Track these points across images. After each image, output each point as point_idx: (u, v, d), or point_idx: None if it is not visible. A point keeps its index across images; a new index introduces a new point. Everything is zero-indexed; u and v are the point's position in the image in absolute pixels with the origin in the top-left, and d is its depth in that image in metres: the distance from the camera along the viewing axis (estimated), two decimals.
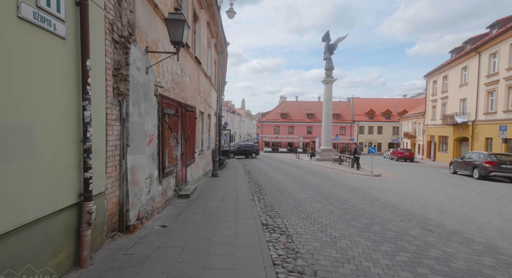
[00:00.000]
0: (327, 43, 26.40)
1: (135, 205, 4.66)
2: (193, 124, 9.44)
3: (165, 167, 6.21)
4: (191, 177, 9.41)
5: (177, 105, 7.33)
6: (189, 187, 8.26)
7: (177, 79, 7.41)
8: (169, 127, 6.54)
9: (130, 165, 4.50)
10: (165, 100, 6.32)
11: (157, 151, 5.84)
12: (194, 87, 9.84)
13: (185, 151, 8.42)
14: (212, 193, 8.32)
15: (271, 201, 7.87)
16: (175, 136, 7.03)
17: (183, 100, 8.08)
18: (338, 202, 7.83)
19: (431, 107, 32.09)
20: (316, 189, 10.06)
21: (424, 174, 16.29)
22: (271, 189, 9.94)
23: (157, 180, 5.85)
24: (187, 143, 8.69)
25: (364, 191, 9.77)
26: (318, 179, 13.01)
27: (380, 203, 7.79)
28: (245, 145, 32.00)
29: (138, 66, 4.79)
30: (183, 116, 8.10)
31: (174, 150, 7.02)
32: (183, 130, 8.20)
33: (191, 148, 9.34)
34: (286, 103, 57.16)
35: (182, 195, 7.46)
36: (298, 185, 11.14)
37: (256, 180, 12.38)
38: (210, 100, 14.16)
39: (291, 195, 8.77)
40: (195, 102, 9.96)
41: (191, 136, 9.25)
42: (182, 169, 8.15)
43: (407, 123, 42.65)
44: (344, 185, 11.20)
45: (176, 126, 7.15)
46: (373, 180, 13.07)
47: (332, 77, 26.82)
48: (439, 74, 29.85)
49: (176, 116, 7.15)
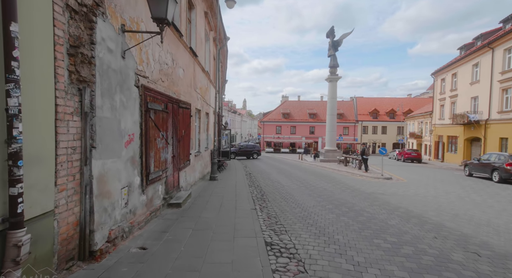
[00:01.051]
0: (332, 39, 25.36)
1: (105, 223, 3.67)
2: (187, 122, 8.45)
3: (150, 173, 5.22)
4: (185, 182, 8.42)
5: (166, 100, 6.34)
6: (182, 194, 7.26)
7: (167, 70, 6.43)
8: (156, 126, 5.55)
9: (97, 173, 3.51)
10: (151, 93, 5.33)
11: (139, 154, 4.85)
12: (189, 81, 8.86)
13: (177, 152, 7.43)
14: (208, 201, 7.32)
15: (275, 210, 6.86)
16: (163, 136, 6.04)
17: (175, 95, 7.09)
18: (353, 211, 6.81)
19: (439, 106, 30.96)
20: (324, 195, 9.03)
21: (438, 177, 15.22)
22: (274, 195, 8.93)
23: (139, 188, 4.85)
24: (180, 144, 7.70)
25: (379, 198, 8.74)
26: (325, 182, 11.99)
27: (401, 213, 6.76)
28: (246, 146, 31.01)
29: (109, 47, 3.80)
30: (175, 113, 7.12)
31: (163, 151, 6.03)
32: (175, 129, 7.21)
33: (186, 149, 8.35)
34: (288, 103, 56.12)
35: (172, 204, 6.46)
36: (304, 189, 10.13)
37: (258, 184, 11.37)
38: (209, 98, 13.18)
39: (297, 203, 7.76)
40: (190, 98, 8.98)
41: (185, 136, 8.26)
42: (174, 173, 7.16)
43: (413, 123, 41.51)
44: (355, 190, 10.17)
45: (165, 124, 6.16)
46: (385, 184, 12.03)
47: (337, 75, 25.77)
48: (448, 72, 28.73)
49: (165, 113, 6.16)
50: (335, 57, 25.67)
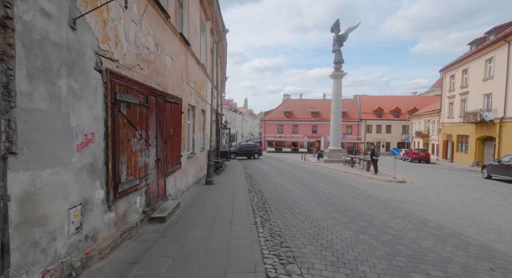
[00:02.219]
0: (336, 34, 24.12)
1: (36, 263, 2.53)
2: (177, 120, 7.32)
3: (120, 183, 4.08)
4: (175, 189, 7.29)
5: (147, 92, 5.20)
6: (169, 204, 6.12)
7: (148, 56, 5.28)
8: (130, 123, 4.41)
9: (20, 191, 2.37)
10: (122, 82, 4.19)
11: (103, 159, 3.71)
12: (180, 73, 7.72)
13: (164, 155, 6.29)
14: (200, 212, 6.18)
15: (280, 224, 5.72)
16: (142, 136, 4.90)
17: (160, 87, 5.95)
18: (373, 226, 5.65)
19: (447, 104, 29.69)
20: (335, 203, 7.88)
21: (454, 179, 14.02)
22: (277, 203, 7.79)
23: (103, 204, 3.72)
24: (168, 145, 6.57)
25: (399, 207, 7.58)
26: (333, 187, 10.83)
27: (432, 229, 5.59)
28: (247, 145, 29.84)
29: (45, 9, 2.65)
30: (159, 108, 5.98)
31: (142, 155, 4.89)
32: (160, 127, 6.08)
33: (175, 150, 7.22)
34: (290, 101, 54.89)
35: (155, 218, 5.33)
36: (310, 196, 8.98)
37: (259, 188, 10.23)
38: (205, 94, 12.03)
39: (305, 214, 6.62)
40: (181, 92, 7.84)
41: (175, 136, 7.13)
42: (159, 180, 6.03)
43: (419, 121, 40.23)
44: (368, 197, 9.00)
45: (145, 121, 5.02)
46: (399, 189, 10.85)
47: (342, 71, 24.54)
48: (458, 68, 27.44)
49: (145, 108, 5.02)
50: (340, 53, 24.44)
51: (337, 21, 23.48)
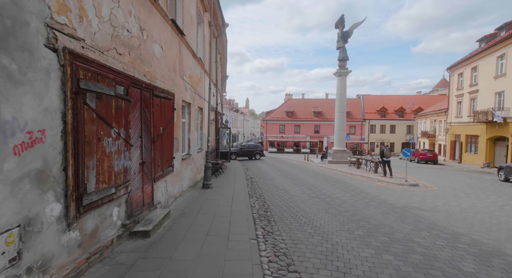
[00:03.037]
0: (341, 30, 23.22)
1: None
2: (169, 117, 6.48)
3: (86, 193, 3.25)
4: (166, 195, 6.45)
5: (128, 82, 4.37)
6: (156, 215, 5.28)
7: (130, 40, 4.45)
8: (101, 118, 3.57)
9: None
10: (90, 67, 3.35)
11: (60, 164, 2.88)
12: (172, 65, 6.88)
13: (151, 157, 5.46)
14: (192, 224, 5.33)
15: (285, 239, 4.87)
16: (120, 135, 4.06)
17: (146, 78, 5.12)
18: (396, 242, 4.79)
19: (455, 103, 28.72)
20: (346, 211, 7.02)
21: (470, 182, 13.11)
22: (281, 211, 6.94)
23: (59, 223, 2.88)
24: (157, 145, 5.73)
25: (419, 216, 6.70)
26: (341, 191, 9.96)
27: (467, 245, 4.72)
28: (248, 145, 28.96)
29: None
30: (145, 103, 5.15)
31: (119, 157, 4.05)
32: (147, 125, 5.24)
33: (166, 152, 6.38)
34: (292, 101, 53.99)
35: (137, 232, 4.49)
36: (317, 201, 8.12)
37: (261, 193, 9.38)
38: (203, 91, 11.20)
39: (313, 225, 5.76)
40: (174, 87, 7.01)
41: (166, 135, 6.29)
42: (144, 186, 5.19)
43: (424, 121, 39.23)
44: (381, 203, 8.13)
45: (124, 117, 4.18)
46: (414, 193, 9.96)
47: (346, 69, 23.64)
48: (467, 66, 26.47)
49: (124, 101, 4.18)
50: (345, 50, 23.55)
51: (341, 17, 22.59)
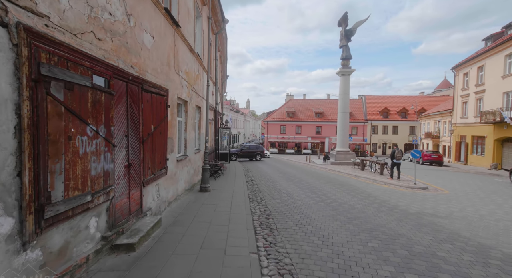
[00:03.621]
0: (344, 28, 22.64)
1: None
2: (161, 115, 5.91)
3: (49, 204, 2.66)
4: (157, 200, 5.87)
5: (110, 73, 3.80)
6: (145, 223, 4.70)
7: (113, 25, 3.88)
8: (73, 113, 3.00)
9: None
10: (57, 50, 2.78)
11: (12, 168, 2.31)
12: (166, 58, 6.32)
13: (140, 159, 4.88)
14: (185, 234, 4.75)
15: (290, 252, 4.28)
16: (99, 133, 3.49)
17: (133, 70, 4.55)
18: (418, 257, 4.19)
19: (460, 103, 28.09)
20: (356, 218, 6.43)
21: (481, 185, 12.49)
22: (284, 217, 6.35)
23: (9, 242, 2.30)
24: (147, 145, 5.16)
25: (437, 224, 6.10)
26: (348, 195, 9.36)
27: (501, 261, 4.12)
28: (248, 146, 28.36)
29: None
30: (133, 98, 4.58)
31: (98, 159, 3.47)
32: (135, 123, 4.67)
33: (158, 152, 5.81)
34: (293, 101, 53.40)
35: (120, 245, 3.90)
36: (323, 207, 7.53)
37: (262, 197, 8.79)
38: (201, 88, 10.64)
39: (321, 235, 5.17)
40: (168, 82, 6.44)
41: (158, 134, 5.72)
42: (131, 192, 4.61)
43: (428, 122, 38.57)
44: (392, 208, 7.53)
45: (104, 112, 3.60)
46: (425, 197, 9.35)
47: (350, 68, 23.05)
48: (472, 65, 25.85)
49: (104, 94, 3.61)
50: (348, 48, 22.96)
51: (345, 15, 22.01)
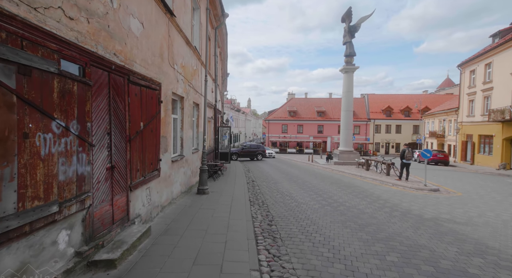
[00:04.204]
0: (348, 24, 21.99)
1: None
2: (153, 111, 5.34)
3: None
4: (149, 205, 5.29)
5: (87, 59, 3.22)
6: (131, 233, 4.12)
7: (88, 3, 3.30)
8: (30, 104, 2.43)
9: None
10: (7, 25, 2.21)
11: None
12: (158, 49, 5.74)
13: (126, 160, 4.31)
14: (177, 246, 4.17)
15: (298, 269, 3.69)
16: (71, 130, 2.91)
17: (117, 59, 3.97)
18: (447, 276, 3.60)
19: (467, 101, 27.39)
20: (367, 225, 5.84)
21: (493, 186, 11.87)
22: (289, 224, 5.77)
23: None
24: (135, 145, 4.59)
25: (458, 232, 5.50)
26: (355, 197, 8.77)
27: None
28: (250, 146, 27.80)
29: None
30: (117, 90, 4.00)
31: (68, 162, 2.90)
32: (119, 119, 4.10)
33: (150, 152, 5.24)
34: (295, 100, 52.77)
35: (99, 261, 3.33)
36: (330, 211, 6.94)
37: (263, 200, 8.22)
38: (199, 85, 10.06)
39: (331, 245, 4.58)
40: (161, 75, 5.86)
41: (149, 132, 5.15)
42: (115, 198, 4.04)
43: (433, 121, 37.85)
44: (406, 213, 6.94)
45: (78, 106, 3.02)
46: (438, 200, 8.75)
47: (353, 65, 22.41)
48: (480, 62, 25.16)
49: (79, 84, 3.04)
50: (352, 45, 22.32)
51: (349, 10, 21.36)
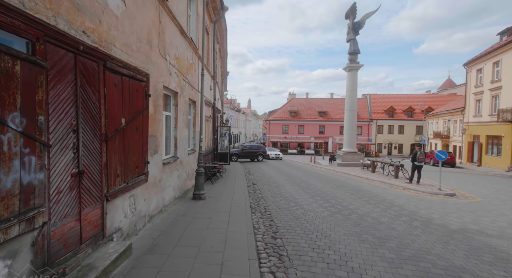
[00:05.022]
0: (352, 20, 21.25)
1: None
2: (138, 106, 4.57)
3: None
4: (133, 216, 4.51)
5: (39, 33, 2.42)
6: (104, 255, 3.34)
7: None
8: None
9: None
10: None
11: None
12: (146, 35, 4.97)
13: (101, 163, 3.53)
14: (161, 269, 3.38)
15: None
16: (8, 126, 2.14)
17: (88, 38, 3.19)
18: None
19: (473, 101, 26.63)
20: (387, 239, 5.07)
21: (510, 189, 11.09)
22: (297, 238, 4.99)
23: None
24: (113, 145, 3.81)
25: (497, 248, 4.72)
26: (368, 204, 8.00)
27: None
28: (250, 146, 27.02)
29: None
30: (89, 78, 3.22)
31: (4, 168, 2.13)
32: (91, 113, 3.32)
33: (135, 154, 4.46)
34: (296, 100, 52.00)
35: None
36: (342, 221, 6.17)
37: (266, 206, 7.44)
38: (196, 80, 9.30)
39: (350, 268, 3.80)
40: (149, 65, 5.09)
41: (133, 130, 4.37)
42: (84, 211, 3.25)
43: (437, 121, 37.09)
44: (428, 223, 6.16)
45: (21, 93, 2.25)
46: (458, 207, 7.97)
47: (358, 63, 21.66)
48: (487, 61, 24.40)
49: (29, 66, 2.26)
50: (356, 42, 21.57)
51: (353, 5, 20.61)
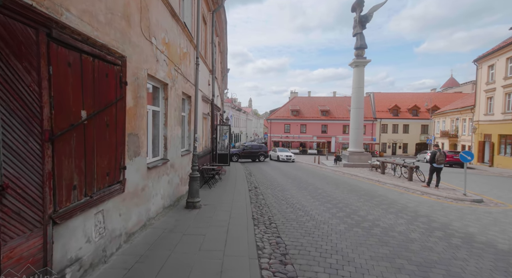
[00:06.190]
0: (358, 14, 20.17)
1: None
2: (109, 96, 3.52)
3: None
4: (100, 238, 3.46)
5: None
6: None
7: None
8: None
9: None
10: None
11: None
12: (122, 8, 3.93)
13: (42, 173, 2.46)
14: None
15: None
16: None
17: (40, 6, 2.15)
18: None
19: (484, 99, 25.50)
20: (427, 265, 4.05)
21: None
22: (312, 264, 3.95)
23: None
24: (67, 147, 2.75)
25: None
26: (388, 213, 6.96)
27: None
28: (251, 146, 25.99)
29: None
30: (20, 50, 2.15)
31: None
32: (23, 101, 2.24)
33: (105, 158, 3.42)
34: (298, 99, 50.91)
35: None
36: (364, 237, 5.13)
37: (270, 216, 6.40)
38: (190, 72, 8.26)
39: None
40: (127, 46, 4.04)
41: (104, 127, 3.33)
42: (9, 245, 2.22)
43: (444, 120, 35.98)
44: (467, 239, 5.13)
45: None
46: (494, 216, 6.91)
47: (365, 58, 20.58)
48: (500, 56, 23.28)
49: None
50: (363, 36, 20.49)
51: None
